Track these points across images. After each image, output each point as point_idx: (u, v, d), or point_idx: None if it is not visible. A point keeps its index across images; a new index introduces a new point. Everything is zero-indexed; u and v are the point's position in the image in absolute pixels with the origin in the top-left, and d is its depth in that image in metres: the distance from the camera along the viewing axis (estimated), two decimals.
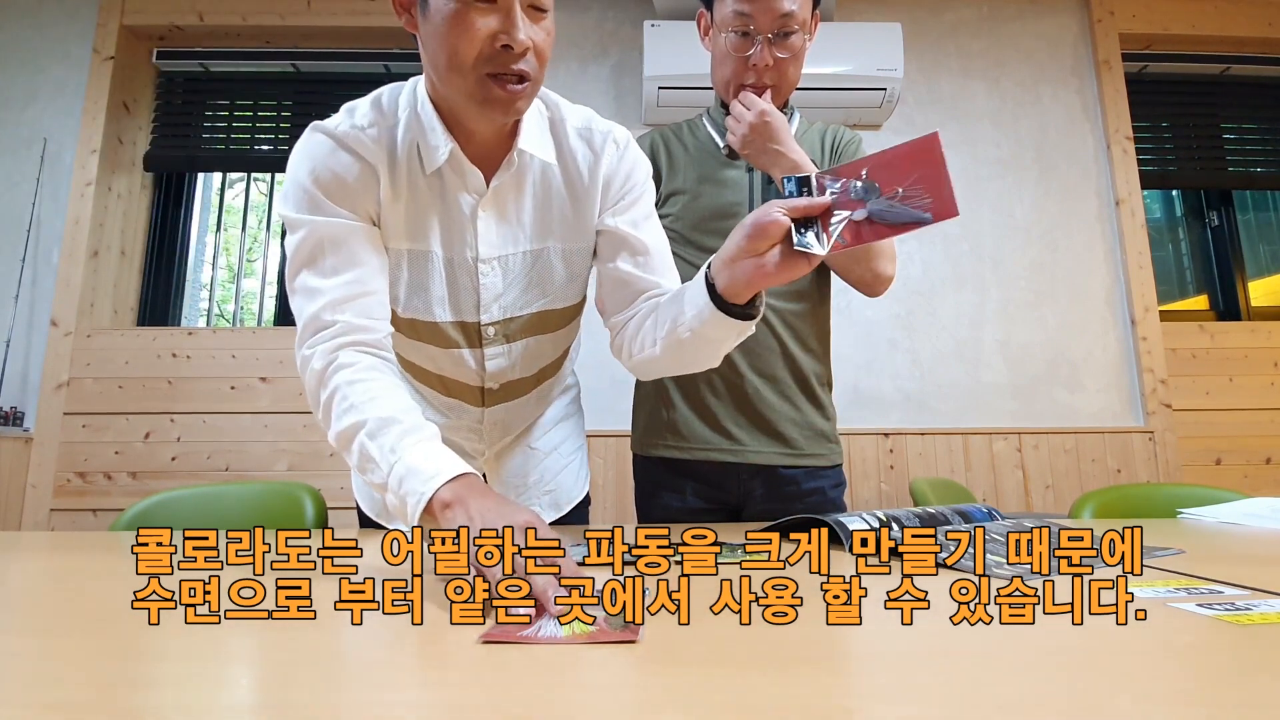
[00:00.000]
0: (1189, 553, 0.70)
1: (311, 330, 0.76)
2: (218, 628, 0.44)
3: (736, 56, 1.09)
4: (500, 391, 0.95)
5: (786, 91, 1.14)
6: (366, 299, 0.77)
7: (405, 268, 0.83)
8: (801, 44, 1.10)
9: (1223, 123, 2.86)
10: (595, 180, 0.86)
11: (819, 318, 1.17)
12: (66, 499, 2.33)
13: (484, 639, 0.40)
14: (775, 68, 1.08)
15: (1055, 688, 0.32)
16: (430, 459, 0.65)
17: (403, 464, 0.65)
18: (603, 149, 0.86)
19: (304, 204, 0.77)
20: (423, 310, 0.85)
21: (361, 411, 0.70)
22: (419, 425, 0.69)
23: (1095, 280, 2.57)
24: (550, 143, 0.84)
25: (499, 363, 0.91)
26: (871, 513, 0.79)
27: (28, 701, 0.31)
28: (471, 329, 0.88)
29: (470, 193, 0.82)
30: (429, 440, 0.68)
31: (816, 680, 0.33)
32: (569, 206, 0.86)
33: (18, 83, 2.59)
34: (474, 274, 0.85)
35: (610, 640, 0.40)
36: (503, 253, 0.85)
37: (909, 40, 2.53)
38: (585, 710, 0.30)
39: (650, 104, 2.48)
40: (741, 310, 0.73)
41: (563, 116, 0.86)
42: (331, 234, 0.77)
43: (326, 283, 0.76)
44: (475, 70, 0.70)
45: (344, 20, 2.63)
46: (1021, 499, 2.40)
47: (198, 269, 2.81)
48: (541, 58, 0.73)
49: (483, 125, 0.79)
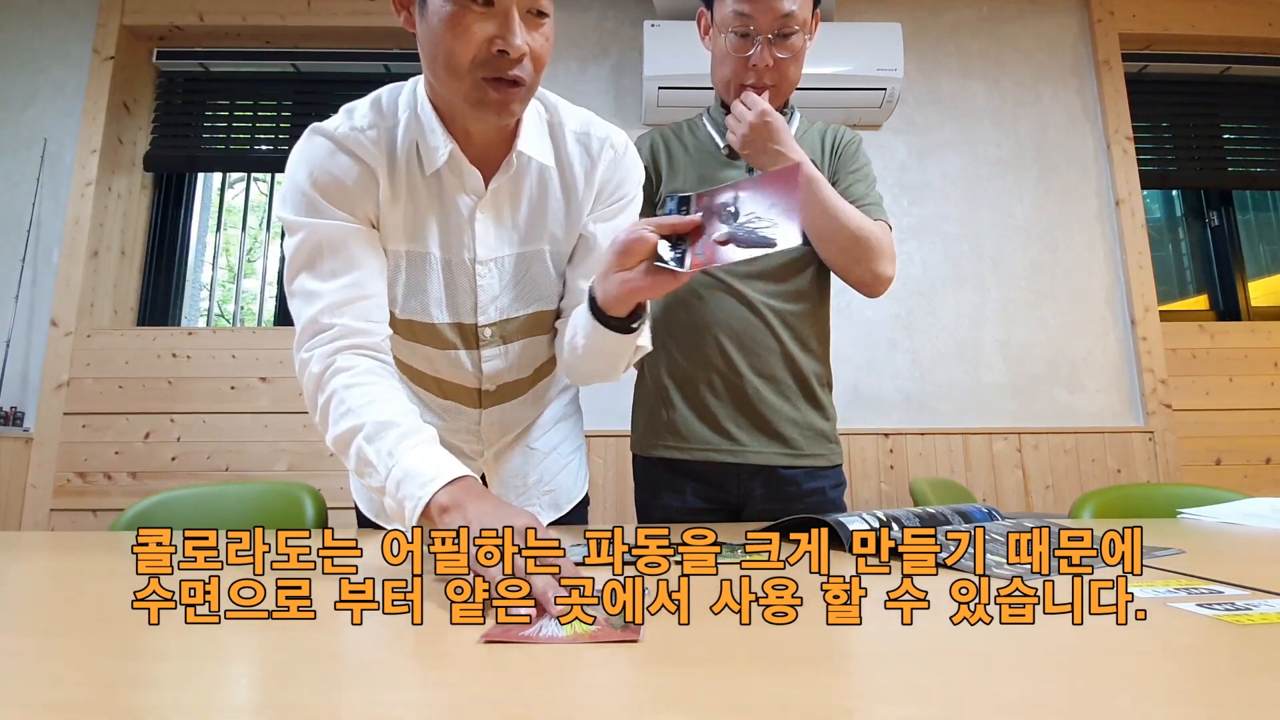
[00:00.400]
0: (1189, 553, 0.70)
1: (310, 334, 0.76)
2: (218, 628, 0.44)
3: (736, 57, 1.08)
4: (497, 393, 0.95)
5: (787, 91, 1.13)
6: (365, 302, 0.77)
7: (403, 269, 0.84)
8: (802, 44, 1.09)
9: (1223, 123, 2.86)
10: (591, 185, 0.87)
11: (819, 318, 1.17)
12: (66, 499, 2.33)
13: (485, 639, 0.40)
14: (775, 68, 1.08)
15: (1055, 688, 0.32)
16: (428, 462, 0.65)
17: (400, 467, 0.65)
18: (600, 155, 0.86)
19: (303, 207, 0.77)
20: (420, 311, 0.86)
21: (359, 415, 0.70)
22: (417, 428, 0.69)
23: (1095, 280, 2.57)
24: (549, 145, 0.85)
25: (496, 364, 0.91)
26: (871, 513, 0.79)
27: (28, 701, 0.31)
28: (469, 330, 0.88)
29: (469, 194, 0.82)
30: (426, 443, 0.68)
31: (816, 680, 0.33)
32: (563, 210, 0.87)
33: (18, 83, 2.58)
34: (471, 276, 0.85)
35: (611, 640, 0.40)
36: (499, 254, 0.85)
37: (909, 40, 2.53)
38: (584, 710, 0.30)
39: (650, 104, 2.48)
40: (620, 323, 0.75)
41: (562, 120, 0.86)
42: (330, 237, 0.77)
43: (325, 286, 0.76)
44: (471, 74, 0.71)
45: (344, 20, 2.64)
46: (1021, 499, 2.40)
47: (198, 269, 2.81)
48: (538, 63, 0.74)
49: (479, 127, 0.79)
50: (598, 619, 0.44)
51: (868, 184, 1.14)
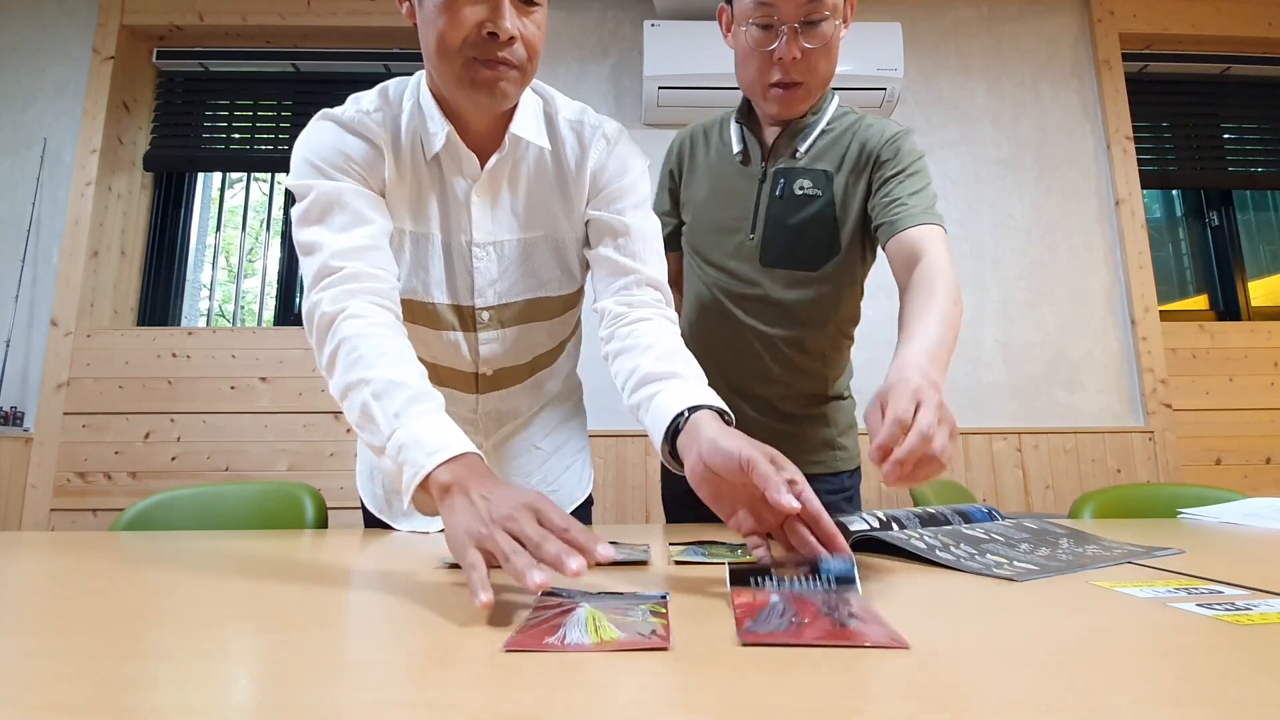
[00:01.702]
0: (1189, 553, 0.70)
1: (321, 275, 0.75)
2: (218, 628, 0.44)
3: (759, 52, 0.98)
4: (494, 378, 0.95)
5: (818, 88, 1.03)
6: (375, 253, 0.78)
7: (406, 248, 0.86)
8: (833, 32, 0.97)
9: (1223, 123, 2.86)
10: (583, 173, 0.88)
11: (825, 336, 1.11)
12: (66, 499, 2.33)
13: (508, 647, 0.39)
14: (804, 61, 0.97)
15: (1055, 688, 0.32)
16: (435, 431, 0.63)
17: (405, 431, 0.63)
18: (591, 142, 0.88)
19: (312, 173, 0.79)
20: (421, 291, 0.87)
21: (370, 367, 0.68)
22: (427, 393, 0.67)
23: (1095, 280, 2.57)
24: (544, 131, 0.87)
25: (493, 348, 0.92)
26: (871, 513, 0.79)
27: (28, 701, 0.31)
28: (466, 313, 0.90)
29: (465, 177, 0.85)
30: (434, 412, 0.66)
31: (816, 680, 0.33)
32: (558, 197, 0.89)
33: (18, 83, 2.59)
34: (468, 258, 0.87)
35: (640, 648, 0.39)
36: (496, 239, 0.87)
37: (909, 40, 2.53)
38: (584, 709, 0.30)
39: (650, 104, 2.48)
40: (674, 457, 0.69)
41: (557, 108, 0.89)
42: (339, 196, 0.78)
43: (336, 236, 0.76)
44: (462, 54, 0.74)
45: (344, 20, 2.64)
46: (1021, 499, 2.41)
47: (198, 269, 2.81)
48: (531, 49, 0.76)
49: (473, 110, 0.81)
50: (624, 625, 0.43)
51: (915, 183, 0.98)
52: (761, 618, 0.43)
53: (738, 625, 0.42)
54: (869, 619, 0.43)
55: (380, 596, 0.53)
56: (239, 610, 0.49)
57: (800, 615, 0.44)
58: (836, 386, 1.15)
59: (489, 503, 0.54)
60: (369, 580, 0.61)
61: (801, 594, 0.49)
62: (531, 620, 0.44)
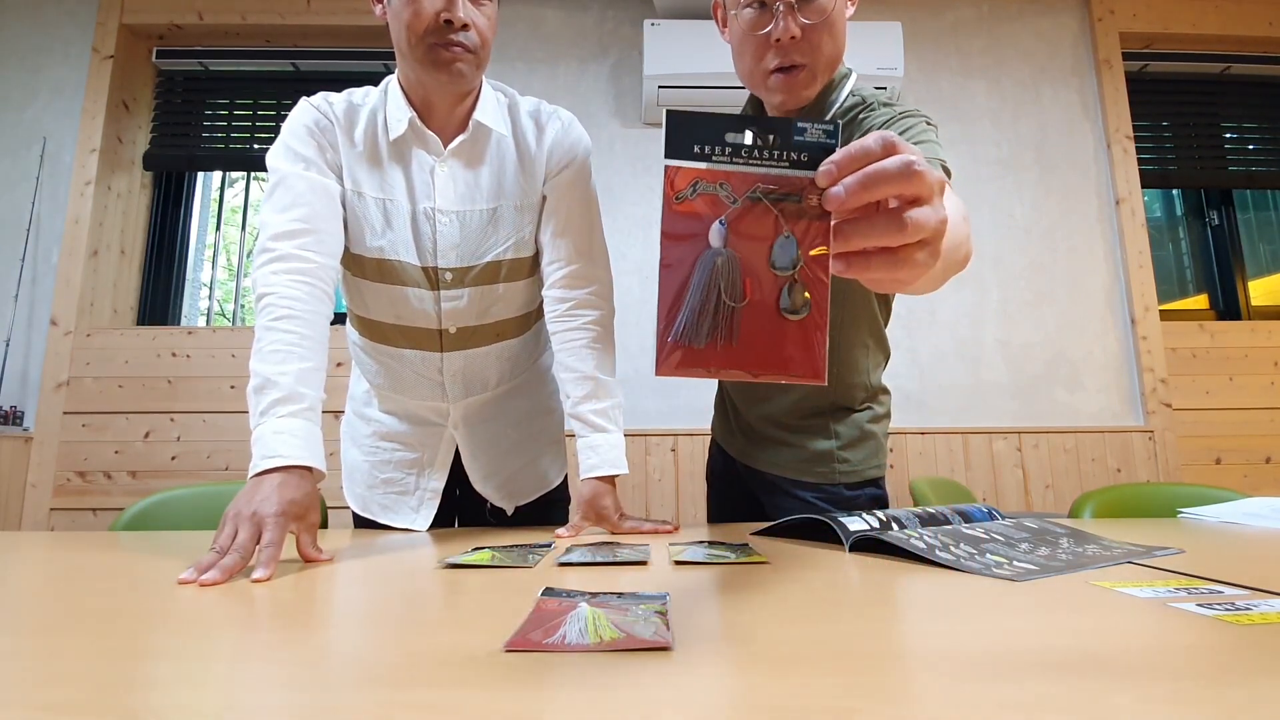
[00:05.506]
0: (1189, 553, 0.70)
1: (259, 253, 0.89)
2: (218, 628, 0.44)
3: (755, 36, 0.90)
4: (457, 336, 1.03)
5: (823, 68, 0.93)
6: (307, 236, 0.89)
7: (375, 212, 0.96)
8: (833, 4, 0.89)
9: (1223, 122, 2.86)
10: (542, 148, 1.01)
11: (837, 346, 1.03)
12: (66, 498, 2.33)
13: (508, 647, 0.39)
14: (804, 39, 0.89)
15: (1055, 688, 0.32)
16: (282, 439, 0.76)
17: (264, 428, 0.78)
18: (548, 124, 1.02)
19: (279, 155, 0.93)
20: (389, 250, 0.98)
21: (262, 360, 0.82)
22: (297, 395, 0.80)
23: (1095, 280, 2.57)
24: (507, 121, 1.01)
25: (455, 304, 1.01)
26: (871, 513, 0.79)
27: (28, 701, 0.31)
28: (430, 272, 0.99)
29: (429, 153, 0.97)
30: (294, 415, 0.79)
31: (816, 680, 0.33)
32: (520, 172, 1.00)
33: (18, 82, 2.58)
34: (433, 222, 0.97)
35: (640, 648, 0.39)
36: (461, 208, 0.98)
37: (909, 40, 2.53)
38: (584, 709, 0.30)
39: (650, 103, 2.48)
40: None
41: (518, 103, 1.03)
42: (284, 178, 0.91)
43: (276, 217, 0.89)
44: (423, 40, 0.88)
45: (344, 20, 2.63)
46: (1021, 498, 2.41)
47: (197, 268, 2.81)
48: (483, 37, 0.91)
49: (437, 92, 0.93)
50: (625, 626, 0.43)
51: (917, 137, 0.92)
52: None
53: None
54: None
55: (380, 596, 0.53)
56: (239, 610, 0.49)
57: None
58: (844, 398, 1.05)
59: (255, 502, 0.71)
60: (369, 580, 0.61)
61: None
62: (532, 620, 0.44)
